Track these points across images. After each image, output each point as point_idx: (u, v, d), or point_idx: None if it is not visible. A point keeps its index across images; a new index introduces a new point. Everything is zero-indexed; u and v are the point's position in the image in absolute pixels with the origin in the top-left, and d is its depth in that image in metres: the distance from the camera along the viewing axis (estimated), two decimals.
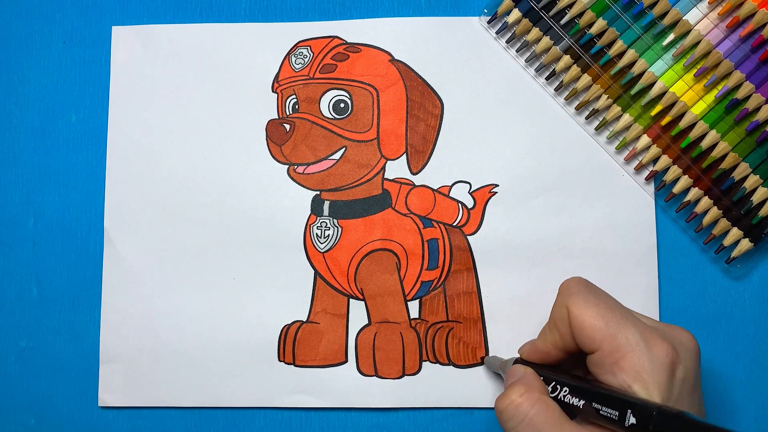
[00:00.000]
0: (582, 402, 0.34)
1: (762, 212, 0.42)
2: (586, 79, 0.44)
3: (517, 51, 0.45)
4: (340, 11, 0.46)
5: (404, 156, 0.45)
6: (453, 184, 0.45)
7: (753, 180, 0.42)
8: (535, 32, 0.44)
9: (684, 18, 0.42)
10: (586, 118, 0.44)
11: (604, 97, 0.44)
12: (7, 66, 0.47)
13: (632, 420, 0.31)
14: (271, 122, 0.46)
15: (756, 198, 0.42)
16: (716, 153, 0.43)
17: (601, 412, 0.33)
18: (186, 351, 0.45)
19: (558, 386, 0.35)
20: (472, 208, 0.45)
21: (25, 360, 0.46)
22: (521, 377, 0.36)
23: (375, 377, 0.44)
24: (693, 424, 0.30)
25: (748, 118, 0.42)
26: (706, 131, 0.43)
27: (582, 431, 0.32)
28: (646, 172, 0.44)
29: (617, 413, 0.32)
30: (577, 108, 0.44)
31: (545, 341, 0.37)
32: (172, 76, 0.46)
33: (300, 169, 0.45)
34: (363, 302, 0.45)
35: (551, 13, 0.43)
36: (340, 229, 0.45)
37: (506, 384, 0.37)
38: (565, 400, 0.34)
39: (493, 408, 0.44)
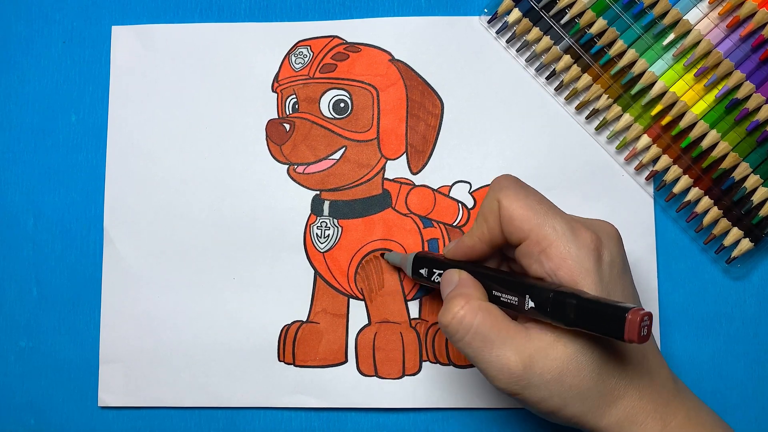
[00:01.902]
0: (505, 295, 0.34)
1: (762, 212, 0.42)
2: (586, 78, 0.44)
3: (517, 51, 0.45)
4: (340, 11, 0.46)
5: (404, 156, 0.45)
6: (453, 184, 0.45)
7: (753, 180, 0.42)
8: (535, 32, 0.44)
9: (684, 18, 0.42)
10: (586, 118, 0.44)
11: (604, 96, 0.44)
12: (7, 66, 0.47)
13: (530, 304, 0.33)
14: (271, 122, 0.46)
15: (756, 198, 0.42)
16: (716, 153, 0.43)
17: (501, 298, 0.34)
18: (186, 351, 0.45)
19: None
20: (472, 208, 0.45)
21: (25, 360, 0.46)
22: (458, 284, 0.36)
23: (375, 377, 0.44)
24: (589, 302, 0.30)
25: (749, 118, 0.42)
26: (707, 131, 0.43)
27: (524, 329, 0.33)
28: (646, 172, 0.44)
29: (516, 299, 0.33)
30: (577, 108, 0.44)
31: (472, 235, 0.37)
32: (172, 76, 0.46)
33: (300, 169, 0.45)
34: (363, 302, 0.45)
35: (551, 12, 0.43)
36: (340, 229, 0.45)
37: (443, 292, 0.37)
38: (503, 299, 0.35)
39: (493, 408, 0.44)
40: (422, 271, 0.40)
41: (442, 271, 0.38)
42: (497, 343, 0.33)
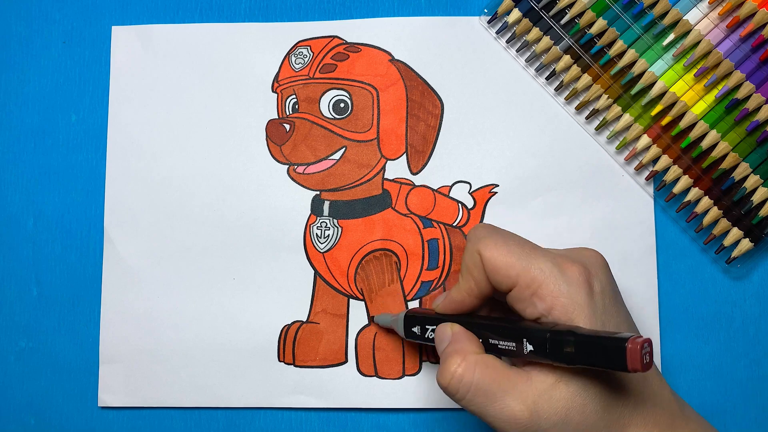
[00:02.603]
0: (506, 343, 0.34)
1: (762, 212, 0.42)
2: (586, 79, 0.44)
3: (517, 51, 0.45)
4: (340, 11, 0.46)
5: (404, 156, 0.45)
6: (453, 184, 0.45)
7: (753, 180, 0.42)
8: (535, 32, 0.44)
9: (684, 18, 0.42)
10: (586, 118, 0.44)
11: (604, 97, 0.44)
12: (7, 66, 0.47)
13: (529, 347, 0.32)
14: (271, 122, 0.46)
15: (756, 198, 0.42)
16: (716, 153, 0.43)
17: (499, 346, 0.34)
18: (186, 351, 0.45)
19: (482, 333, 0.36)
20: (472, 208, 0.45)
21: (25, 360, 0.46)
22: (452, 340, 0.35)
23: (375, 377, 0.44)
24: (587, 338, 0.30)
25: (749, 118, 0.42)
26: (707, 131, 0.43)
27: (525, 374, 0.33)
28: (646, 172, 0.44)
29: (514, 344, 0.33)
30: (577, 108, 0.44)
31: (460, 291, 0.37)
32: (172, 76, 0.46)
33: (300, 169, 0.45)
34: (363, 302, 0.45)
35: (551, 13, 0.43)
36: (340, 229, 0.45)
37: (438, 347, 0.36)
38: (500, 347, 0.34)
39: None
40: (415, 329, 0.39)
41: (435, 327, 0.38)
42: (499, 395, 0.32)
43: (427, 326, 0.38)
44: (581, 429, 0.32)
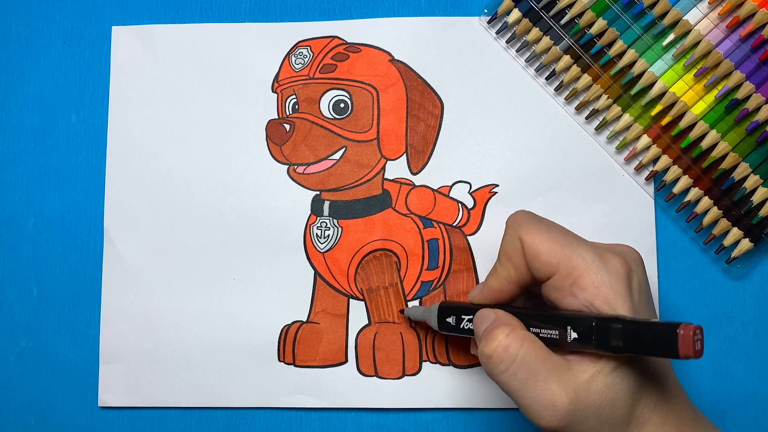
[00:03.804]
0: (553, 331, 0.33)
1: (762, 212, 0.42)
2: (586, 79, 0.44)
3: (517, 51, 0.45)
4: (340, 11, 0.46)
5: (404, 156, 0.45)
6: (453, 184, 0.45)
7: (753, 180, 0.42)
8: (535, 32, 0.44)
9: (684, 18, 0.42)
10: (586, 118, 0.44)
11: (604, 97, 0.44)
12: (7, 66, 0.47)
13: (573, 335, 0.31)
14: (271, 122, 0.46)
15: (756, 198, 0.42)
16: (716, 153, 0.43)
17: (540, 334, 0.33)
18: (186, 351, 0.45)
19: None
20: (472, 208, 0.45)
21: (25, 360, 0.46)
22: (497, 318, 0.34)
23: (375, 377, 0.44)
24: (637, 324, 0.30)
25: (748, 118, 0.42)
26: (706, 131, 0.43)
27: (566, 363, 0.32)
28: (646, 172, 0.44)
29: (557, 332, 0.32)
30: (577, 108, 0.44)
31: (499, 278, 0.36)
32: (172, 76, 0.46)
33: (300, 169, 0.45)
34: (363, 302, 0.45)
35: (551, 13, 0.43)
36: (340, 229, 0.45)
37: (478, 330, 0.35)
38: (542, 335, 0.34)
39: (493, 408, 0.44)
40: (450, 319, 0.38)
41: (471, 317, 0.36)
42: (542, 375, 0.31)
43: (463, 316, 0.37)
44: (609, 423, 0.31)
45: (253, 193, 0.45)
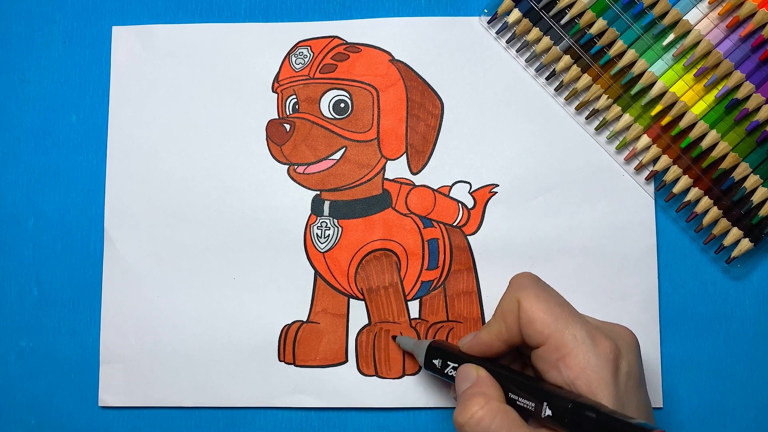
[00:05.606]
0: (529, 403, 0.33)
1: (762, 212, 0.42)
2: (586, 79, 0.44)
3: (517, 51, 0.45)
4: (340, 11, 0.46)
5: (404, 156, 0.45)
6: (453, 184, 0.45)
7: (753, 180, 0.42)
8: (535, 32, 0.44)
9: (684, 18, 0.42)
10: (586, 118, 0.44)
11: (604, 97, 0.44)
12: (7, 66, 0.47)
13: (548, 412, 0.32)
14: (271, 122, 0.46)
15: (756, 198, 0.42)
16: (716, 153, 0.43)
17: (517, 402, 0.33)
18: (186, 351, 0.45)
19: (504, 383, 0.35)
20: (472, 208, 0.45)
21: (25, 360, 0.46)
22: (476, 382, 0.35)
23: (375, 377, 0.44)
24: (610, 418, 0.30)
25: (748, 118, 0.42)
26: (706, 131, 0.43)
27: None
28: (646, 172, 0.44)
29: (533, 405, 0.33)
30: (577, 108, 0.44)
31: (490, 332, 0.36)
32: (172, 76, 0.46)
33: (300, 169, 0.45)
34: (363, 302, 0.45)
35: (551, 13, 0.43)
36: (340, 229, 0.45)
37: (458, 387, 0.36)
38: (519, 403, 0.34)
39: None
40: (436, 361, 0.39)
41: (456, 365, 0.37)
42: None
43: (449, 362, 0.38)
44: None
45: (253, 193, 0.45)
